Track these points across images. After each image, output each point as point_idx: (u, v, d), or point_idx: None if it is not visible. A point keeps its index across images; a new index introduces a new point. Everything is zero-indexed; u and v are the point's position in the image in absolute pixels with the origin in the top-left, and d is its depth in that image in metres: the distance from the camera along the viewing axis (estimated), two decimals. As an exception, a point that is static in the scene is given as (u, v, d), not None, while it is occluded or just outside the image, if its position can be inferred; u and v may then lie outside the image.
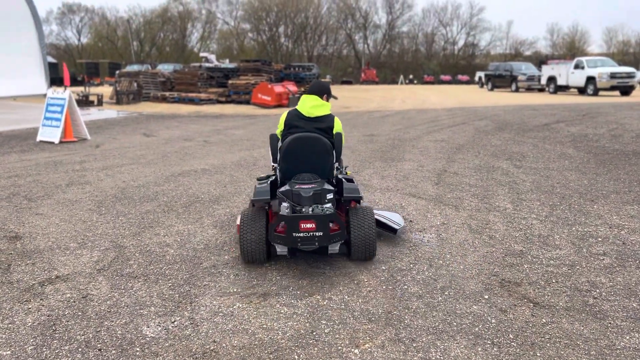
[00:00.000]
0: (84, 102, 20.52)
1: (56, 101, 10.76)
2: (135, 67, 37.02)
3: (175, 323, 3.09)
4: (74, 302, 3.36)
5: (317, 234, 3.62)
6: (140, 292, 3.50)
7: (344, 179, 4.22)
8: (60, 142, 10.48)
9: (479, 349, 2.78)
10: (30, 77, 17.29)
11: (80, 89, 28.35)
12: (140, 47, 78.32)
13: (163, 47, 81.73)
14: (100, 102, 20.58)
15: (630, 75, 24.99)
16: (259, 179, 4.34)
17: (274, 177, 4.30)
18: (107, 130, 12.66)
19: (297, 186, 3.87)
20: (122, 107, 19.95)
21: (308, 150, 4.07)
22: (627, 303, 3.27)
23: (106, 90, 30.37)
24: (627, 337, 2.87)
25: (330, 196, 3.84)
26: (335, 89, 37.24)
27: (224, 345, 2.85)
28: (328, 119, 4.28)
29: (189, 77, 23.60)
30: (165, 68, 35.21)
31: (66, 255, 4.17)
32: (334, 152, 4.25)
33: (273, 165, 4.47)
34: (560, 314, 3.16)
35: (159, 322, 3.10)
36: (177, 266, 3.95)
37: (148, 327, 3.04)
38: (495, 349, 2.78)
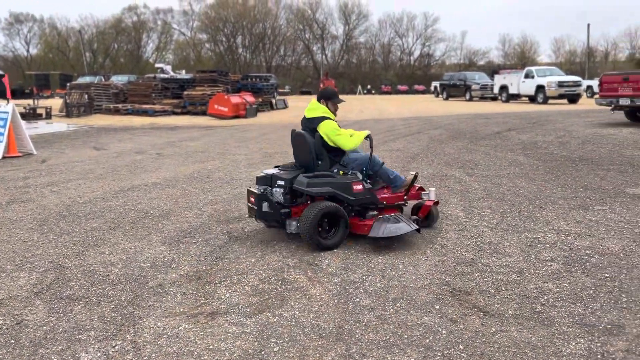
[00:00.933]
0: (32, 115, 19.79)
1: (-1, 115, 10.29)
2: (87, 79, 36.04)
3: (117, 347, 2.94)
4: (7, 329, 3.16)
5: (254, 207, 4.66)
6: (80, 316, 3.33)
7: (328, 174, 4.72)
8: (3, 157, 10.02)
9: (429, 362, 2.75)
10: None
11: (28, 101, 27.33)
12: (93, 58, 76.47)
13: (117, 58, 79.98)
14: (49, 115, 19.90)
15: (577, 84, 25.99)
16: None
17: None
18: (55, 145, 12.20)
19: (271, 171, 4.87)
20: (72, 120, 19.34)
21: (296, 145, 4.97)
22: (573, 308, 3.32)
23: (56, 102, 29.41)
24: (573, 343, 2.90)
25: (280, 182, 4.61)
26: (294, 100, 37.23)
27: (167, 369, 2.72)
28: (316, 121, 4.79)
29: (142, 89, 23.13)
30: (120, 79, 34.42)
31: (1, 279, 3.93)
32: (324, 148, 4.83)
33: None
34: (509, 322, 3.17)
35: (98, 348, 2.94)
36: (121, 286, 3.79)
37: (86, 353, 2.88)
38: (445, 360, 2.76)
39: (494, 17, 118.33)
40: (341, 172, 4.74)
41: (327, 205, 4.45)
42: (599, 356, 2.76)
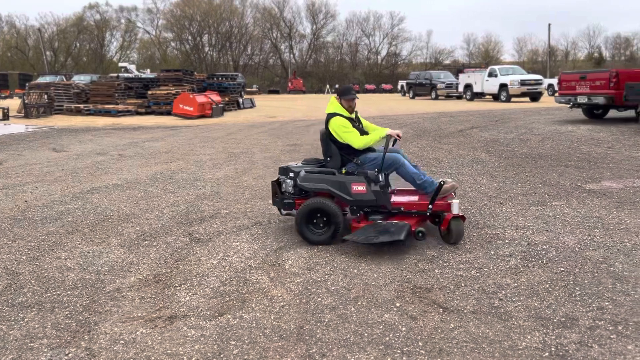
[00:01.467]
0: (-11, 116, 19.11)
1: (-49, 116, 9.90)
2: (47, 79, 34.99)
3: (70, 355, 2.86)
4: (-47, 339, 3.03)
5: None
6: (32, 323, 3.22)
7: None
8: (-43, 160, 9.64)
9: (389, 359, 2.76)
10: None
11: (-15, 102, 26.36)
12: (54, 57, 74.38)
13: (80, 57, 77.99)
14: (6, 116, 19.25)
15: (538, 82, 26.60)
16: None
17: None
18: (12, 146, 11.81)
19: (290, 163, 5.02)
20: (31, 121, 18.76)
21: (320, 141, 5.02)
22: (530, 303, 3.39)
23: (15, 103, 28.50)
24: (529, 337, 2.96)
25: (291, 174, 4.81)
26: (262, 99, 36.95)
27: (123, 376, 2.65)
28: (327, 117, 4.85)
29: (105, 88, 22.60)
30: (82, 79, 33.53)
31: (-51, 287, 3.78)
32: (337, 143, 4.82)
33: None
34: (468, 317, 3.21)
35: (51, 356, 2.85)
36: (77, 292, 3.68)
37: (38, 362, 2.79)
38: (404, 357, 2.78)
39: (458, 16, 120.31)
40: (344, 170, 4.65)
41: (316, 201, 4.56)
42: (552, 349, 2.82)
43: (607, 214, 5.30)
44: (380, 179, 4.58)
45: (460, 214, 4.47)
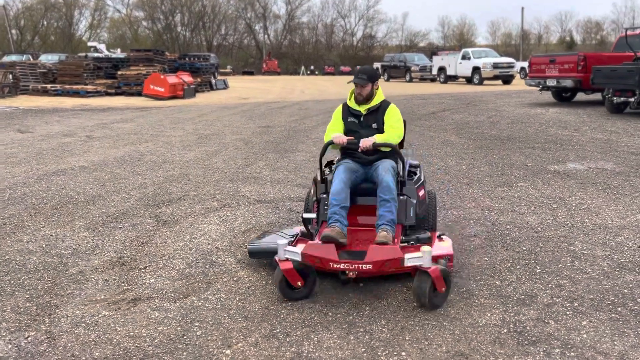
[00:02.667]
0: (-50, 96, 18.48)
1: None
2: (13, 58, 33.92)
3: (30, 338, 2.81)
4: None
5: None
6: (-9, 307, 3.16)
7: None
8: None
9: (352, 338, 2.79)
10: None
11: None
12: (20, 36, 71.98)
13: (47, 36, 75.62)
14: (-31, 96, 18.64)
15: (511, 65, 26.95)
16: None
17: None
18: (-25, 127, 11.46)
19: None
20: (-4, 101, 18.21)
21: None
22: (491, 281, 3.46)
23: (-21, 82, 27.58)
24: (489, 314, 3.02)
25: None
26: (236, 80, 36.57)
27: (83, 358, 2.63)
28: None
29: (73, 68, 22.04)
30: (50, 59, 32.60)
31: None
32: None
33: None
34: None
35: (9, 340, 2.80)
36: (38, 275, 3.62)
37: (-4, 346, 2.74)
38: (367, 336, 2.81)
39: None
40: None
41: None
42: (511, 325, 2.89)
43: (570, 195, 5.43)
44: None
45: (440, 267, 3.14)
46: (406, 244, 3.43)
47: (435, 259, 3.14)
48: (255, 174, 6.69)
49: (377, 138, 3.66)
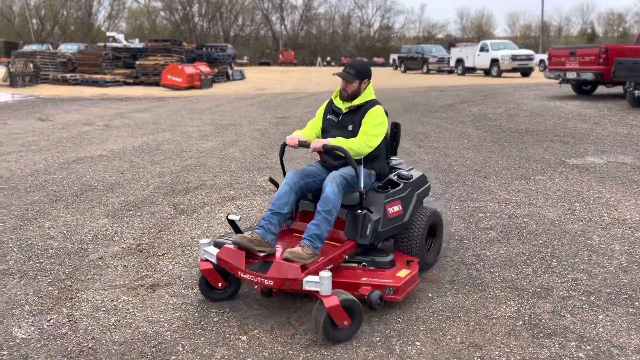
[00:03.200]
0: (-27, 84, 18.79)
1: None
2: (34, 47, 34.32)
3: (52, 321, 2.89)
4: None
5: None
6: (14, 290, 3.24)
7: None
8: (-60, 128, 9.52)
9: (366, 327, 2.81)
10: None
11: (-31, 70, 25.86)
12: (40, 25, 72.76)
13: (67, 26, 76.34)
14: (-9, 85, 18.94)
15: (530, 58, 26.55)
16: None
17: None
18: (-3, 115, 11.66)
19: None
20: (17, 90, 18.47)
21: None
22: (507, 274, 3.45)
23: (0, 71, 28.01)
24: (504, 307, 3.02)
25: None
26: (252, 71, 36.57)
27: (104, 341, 2.69)
28: None
29: (92, 58, 22.24)
30: (69, 48, 32.93)
31: None
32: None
33: None
34: (446, 287, 3.27)
35: (32, 322, 2.88)
36: (59, 260, 3.70)
37: (19, 327, 2.82)
38: (381, 325, 2.83)
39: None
40: None
41: None
42: (526, 317, 2.89)
43: (589, 189, 5.37)
44: None
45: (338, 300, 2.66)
46: (354, 265, 3.09)
47: (380, 287, 2.86)
48: (271, 164, 6.73)
49: (331, 141, 3.17)
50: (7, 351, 2.60)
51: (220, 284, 3.07)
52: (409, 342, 2.67)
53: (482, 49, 27.71)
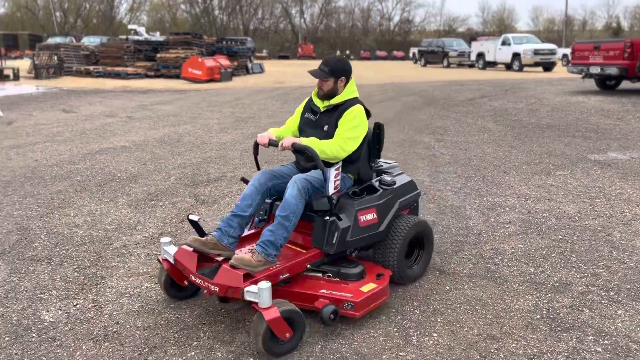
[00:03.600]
0: (-1, 76, 19.20)
1: (-38, 75, 9.97)
2: (57, 40, 34.87)
3: (78, 306, 2.98)
4: (-33, 289, 3.16)
5: None
6: (42, 276, 3.35)
7: None
8: (-32, 119, 9.77)
9: (384, 317, 2.85)
10: None
11: (-5, 62, 26.40)
12: (63, 18, 73.78)
13: (89, 18, 77.31)
14: (16, 77, 19.32)
15: (552, 52, 26.14)
16: None
17: None
18: (22, 107, 11.91)
19: None
20: (41, 82, 18.82)
21: None
22: (525, 268, 3.46)
23: (25, 64, 28.51)
24: (522, 300, 3.03)
25: None
26: (271, 64, 36.62)
27: (128, 326, 2.77)
28: None
29: (114, 50, 22.53)
30: (92, 41, 33.42)
31: (-38, 240, 3.91)
32: None
33: None
34: (464, 280, 3.29)
35: (59, 306, 2.97)
36: (84, 247, 3.80)
37: (47, 311, 2.92)
38: (399, 316, 2.87)
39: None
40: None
41: None
42: (544, 311, 2.90)
43: (610, 185, 5.32)
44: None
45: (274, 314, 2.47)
46: (318, 275, 2.91)
47: (338, 302, 2.69)
48: (290, 156, 6.76)
49: (303, 140, 2.97)
50: (36, 333, 2.69)
51: (186, 282, 2.95)
52: (426, 333, 2.70)
53: (503, 43, 27.37)
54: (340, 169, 3.00)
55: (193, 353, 2.53)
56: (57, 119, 10.06)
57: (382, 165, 3.55)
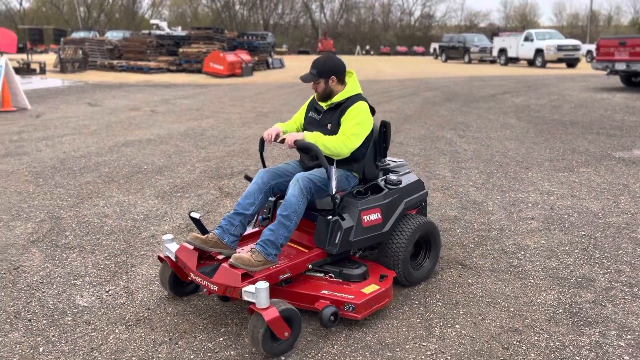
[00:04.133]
0: (25, 70, 19.61)
1: (-8, 68, 10.24)
2: (81, 34, 35.40)
3: (110, 292, 3.09)
4: (4, 274, 3.29)
5: None
6: (75, 263, 3.47)
7: None
8: (-2, 111, 10.03)
9: (406, 309, 2.90)
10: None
11: (22, 56, 26.99)
12: (87, 13, 74.81)
13: (112, 13, 78.32)
14: (43, 71, 19.71)
15: (576, 48, 25.77)
16: None
17: None
18: (50, 100, 12.17)
19: None
20: (66, 76, 19.17)
21: None
22: (548, 263, 3.47)
23: (50, 58, 29.04)
24: (544, 295, 3.06)
25: None
26: (291, 59, 36.72)
27: (158, 312, 2.87)
28: None
29: (137, 45, 22.82)
30: (115, 35, 33.84)
31: (-2, 228, 4.06)
32: None
33: None
34: (486, 274, 3.32)
35: (92, 292, 3.09)
36: (114, 236, 3.92)
37: (81, 296, 3.03)
38: (421, 308, 2.92)
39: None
40: None
41: None
42: (567, 306, 2.92)
43: (635, 182, 5.27)
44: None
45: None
46: (320, 275, 2.89)
47: (339, 303, 2.67)
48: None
49: (307, 135, 2.93)
50: (72, 317, 2.81)
51: (189, 278, 2.86)
52: (449, 325, 2.74)
53: (526, 39, 27.06)
54: (334, 167, 2.90)
55: (222, 339, 2.61)
56: (83, 112, 10.27)
57: (389, 164, 3.48)
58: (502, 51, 29.30)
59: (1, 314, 2.82)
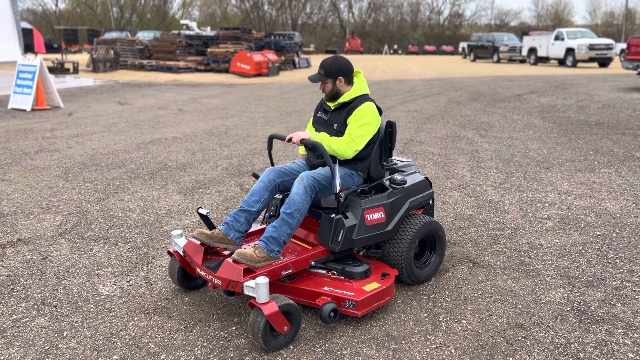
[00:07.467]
0: (60, 69, 20.20)
1: (27, 68, 10.64)
2: (114, 35, 36.27)
3: (131, 282, 3.24)
4: (34, 263, 3.48)
5: None
6: (99, 254, 3.64)
7: None
8: (32, 109, 10.41)
9: (415, 303, 2.97)
10: (2, 43, 16.90)
11: (56, 56, 27.80)
12: (120, 13, 76.44)
13: (144, 13, 79.79)
14: (76, 70, 20.28)
15: (609, 47, 25.18)
16: None
17: None
18: (82, 98, 12.56)
19: None
20: (98, 75, 19.69)
21: None
22: (560, 262, 3.49)
23: (84, 57, 29.84)
24: (553, 293, 3.08)
25: None
26: (318, 59, 36.81)
27: (176, 302, 3.00)
28: None
29: (167, 45, 23.27)
30: (146, 35, 34.59)
31: (29, 220, 4.27)
32: None
33: None
34: (496, 272, 3.36)
35: (114, 282, 3.24)
36: (137, 230, 4.08)
37: (104, 285, 3.19)
38: (430, 303, 2.98)
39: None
40: None
41: None
42: (575, 304, 2.95)
43: (658, 183, 5.20)
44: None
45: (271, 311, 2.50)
46: (323, 272, 2.95)
47: (340, 300, 2.72)
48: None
49: (313, 135, 3.01)
50: (94, 305, 2.96)
51: (196, 272, 2.93)
52: (455, 320, 2.80)
53: (557, 38, 26.56)
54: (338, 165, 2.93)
55: (234, 328, 2.73)
56: (113, 110, 10.58)
57: (396, 164, 3.49)
58: (532, 50, 28.82)
59: (29, 300, 3.00)
